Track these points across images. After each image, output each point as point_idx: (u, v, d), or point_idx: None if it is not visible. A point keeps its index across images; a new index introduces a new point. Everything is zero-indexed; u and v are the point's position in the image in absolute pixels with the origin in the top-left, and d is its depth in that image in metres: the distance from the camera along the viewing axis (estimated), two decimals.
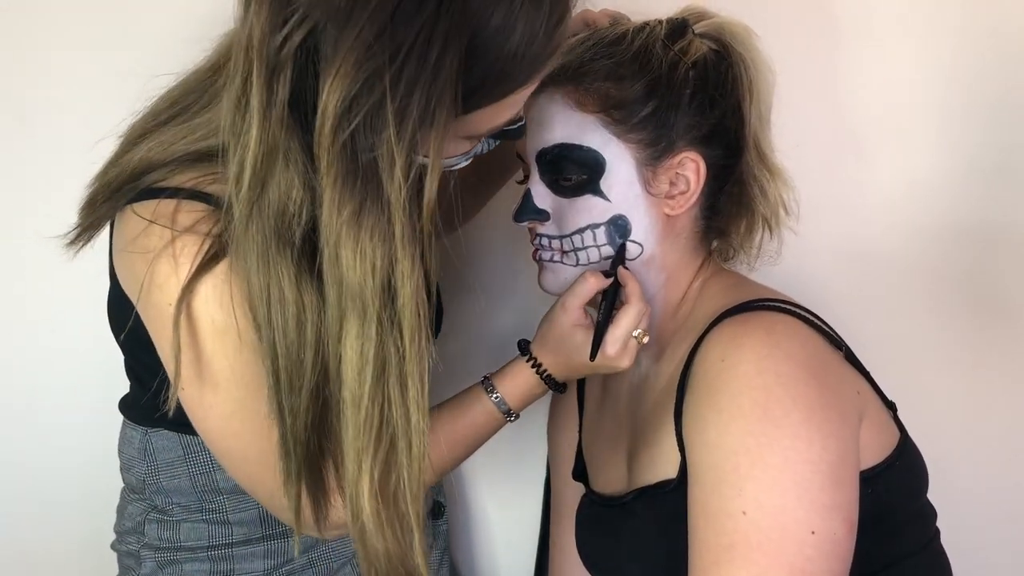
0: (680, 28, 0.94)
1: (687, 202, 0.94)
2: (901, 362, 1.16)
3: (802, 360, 0.82)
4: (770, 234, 1.00)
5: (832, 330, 0.92)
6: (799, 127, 1.06)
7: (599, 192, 0.93)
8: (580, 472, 1.12)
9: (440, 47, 0.69)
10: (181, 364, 0.80)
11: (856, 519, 0.80)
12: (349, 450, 0.78)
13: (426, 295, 0.77)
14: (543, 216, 0.96)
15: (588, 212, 0.94)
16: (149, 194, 0.83)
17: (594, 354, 0.92)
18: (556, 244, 0.97)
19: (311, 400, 0.80)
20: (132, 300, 0.84)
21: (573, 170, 0.93)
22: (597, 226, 0.94)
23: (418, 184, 0.73)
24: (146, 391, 0.90)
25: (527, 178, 0.97)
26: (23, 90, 1.21)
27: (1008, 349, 1.25)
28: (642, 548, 0.93)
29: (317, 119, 0.70)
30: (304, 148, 0.73)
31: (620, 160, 0.92)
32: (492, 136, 0.83)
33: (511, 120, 0.81)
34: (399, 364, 0.76)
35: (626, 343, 0.92)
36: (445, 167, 0.79)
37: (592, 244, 0.95)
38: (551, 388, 0.98)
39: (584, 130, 0.92)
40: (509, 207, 0.99)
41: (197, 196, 0.82)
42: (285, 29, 0.70)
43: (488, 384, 0.97)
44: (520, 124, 0.84)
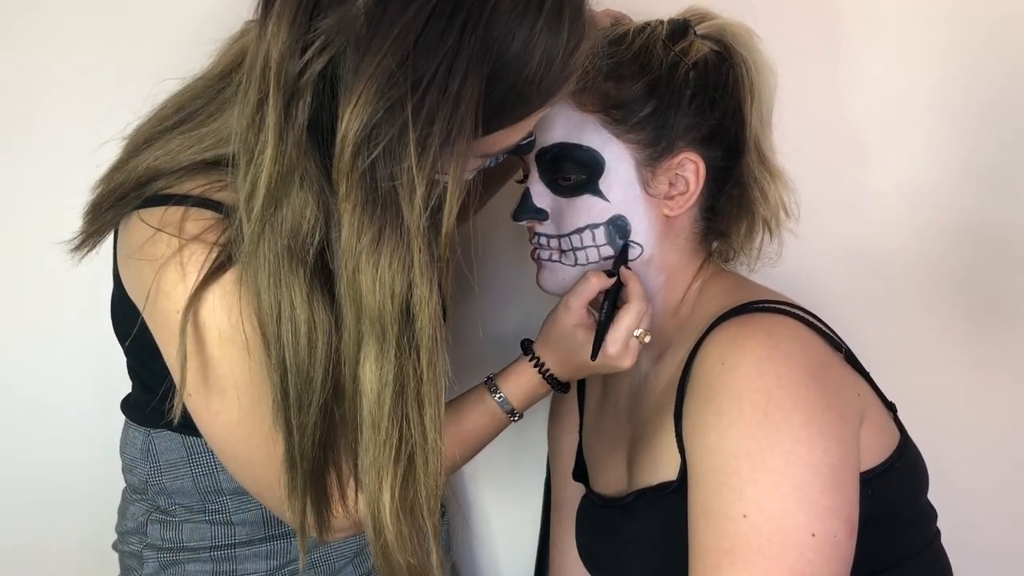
0: (681, 29, 0.94)
1: (686, 203, 0.94)
2: (901, 363, 1.16)
3: (803, 362, 0.82)
4: (770, 236, 1.00)
5: (832, 331, 0.92)
6: (800, 129, 1.06)
7: (598, 192, 0.93)
8: (580, 473, 1.12)
9: (462, 76, 0.69)
10: (187, 371, 0.80)
11: (857, 521, 0.80)
12: (370, 469, 0.79)
13: (442, 315, 0.77)
14: (542, 215, 0.96)
15: (587, 212, 0.94)
16: (156, 201, 0.83)
17: (595, 353, 0.92)
18: (554, 243, 0.97)
19: (319, 417, 0.80)
20: (138, 306, 0.84)
21: (572, 170, 0.93)
22: (596, 226, 0.94)
23: (437, 210, 0.73)
24: (149, 393, 0.90)
25: (526, 177, 0.97)
26: (26, 91, 1.21)
27: (1008, 349, 1.24)
28: (642, 549, 0.93)
29: (336, 145, 0.70)
30: (321, 170, 0.73)
31: (619, 160, 0.92)
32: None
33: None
34: (417, 385, 0.77)
35: (627, 343, 0.92)
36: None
37: (591, 244, 0.95)
38: (554, 388, 0.98)
39: (584, 130, 0.92)
40: (511, 206, 0.99)
41: (205, 204, 0.81)
42: (306, 55, 0.70)
43: (491, 384, 0.98)
44: (530, 139, 0.84)
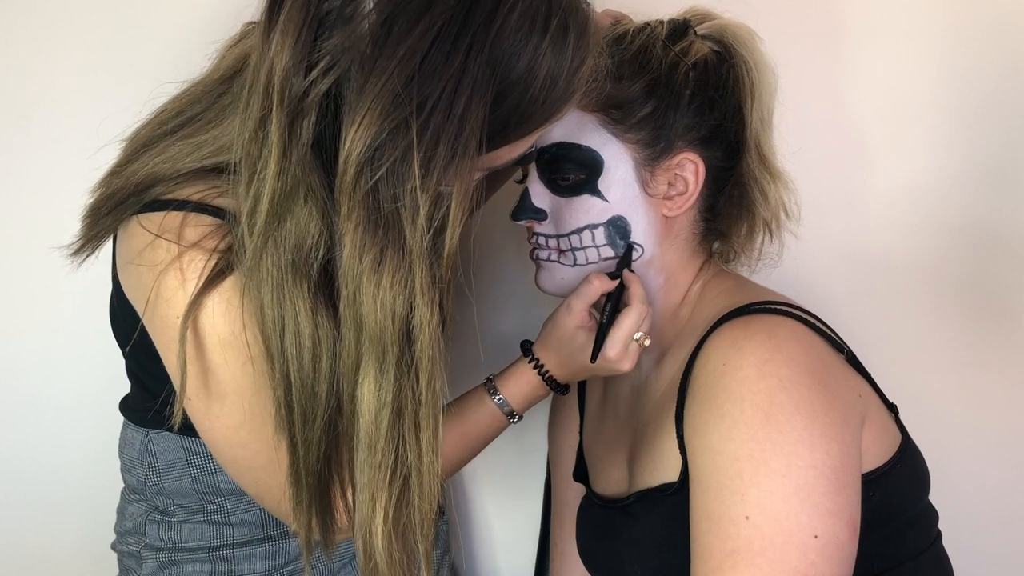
0: (681, 29, 0.94)
1: (685, 203, 0.94)
2: (902, 364, 1.16)
3: (804, 364, 0.82)
4: (771, 237, 1.00)
5: (833, 332, 0.92)
6: (801, 129, 1.06)
7: (597, 192, 0.93)
8: (581, 473, 1.12)
9: (467, 98, 0.69)
10: (187, 377, 0.80)
11: (859, 522, 0.80)
12: (364, 491, 0.78)
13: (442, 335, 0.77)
14: (540, 215, 0.96)
15: (586, 212, 0.94)
16: (155, 206, 0.82)
17: (595, 356, 0.92)
18: (553, 243, 0.96)
19: (324, 432, 0.80)
20: (138, 311, 0.84)
21: (571, 169, 0.93)
22: (595, 226, 0.94)
23: (439, 231, 0.72)
24: (148, 395, 0.91)
25: (526, 177, 0.97)
26: (26, 92, 1.20)
27: (1009, 350, 1.24)
28: (643, 551, 0.93)
29: (340, 165, 0.70)
30: (325, 186, 0.73)
31: (618, 160, 0.92)
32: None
33: None
34: (415, 407, 0.76)
35: (627, 346, 0.92)
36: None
37: (591, 244, 0.95)
38: (553, 389, 0.98)
39: (583, 129, 0.92)
40: (510, 206, 0.99)
41: (204, 209, 0.81)
42: (311, 75, 0.70)
43: (491, 386, 0.98)
44: (530, 151, 0.84)
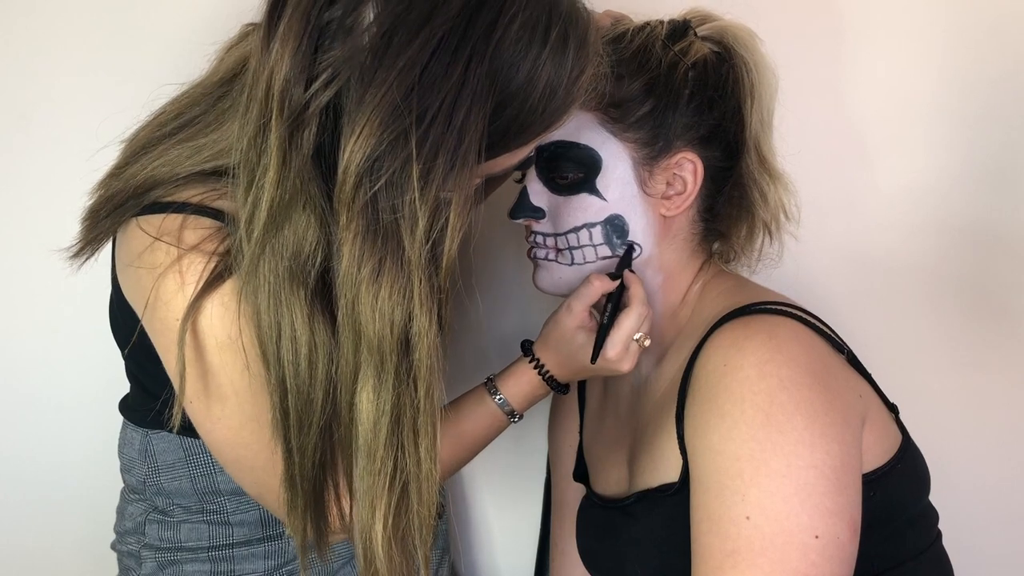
0: (681, 29, 0.94)
1: (684, 203, 0.94)
2: (902, 364, 1.16)
3: (804, 364, 0.82)
4: (770, 239, 1.00)
5: (834, 333, 0.92)
6: (802, 131, 1.06)
7: (595, 191, 0.93)
8: (581, 473, 1.12)
9: (466, 110, 0.69)
10: (187, 379, 0.80)
11: (859, 522, 0.80)
12: (364, 498, 0.78)
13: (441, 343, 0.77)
14: (539, 214, 0.96)
15: (584, 211, 0.94)
16: (155, 208, 0.82)
17: (595, 356, 0.92)
18: (551, 242, 0.96)
19: (319, 438, 0.80)
20: (137, 313, 0.84)
21: (569, 168, 0.93)
22: (593, 225, 0.94)
23: (438, 242, 0.73)
24: (148, 395, 0.91)
25: (524, 175, 0.97)
26: (25, 93, 1.20)
27: (1010, 350, 1.24)
28: (643, 551, 0.93)
29: (339, 175, 0.70)
30: (324, 195, 0.73)
31: (617, 159, 0.92)
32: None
33: None
34: (413, 415, 0.76)
35: (627, 346, 0.92)
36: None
37: (588, 243, 0.95)
38: (553, 389, 0.98)
39: (581, 128, 0.92)
40: (509, 205, 0.98)
41: (204, 212, 0.81)
42: (312, 88, 0.70)
43: (491, 386, 0.98)
44: (528, 156, 0.84)
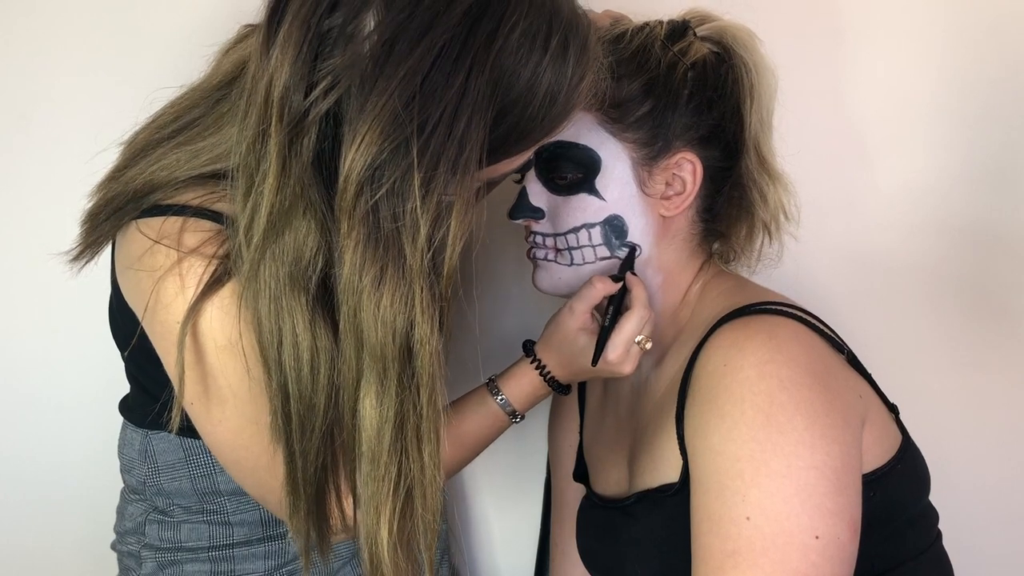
0: (680, 30, 0.94)
1: (683, 203, 0.94)
2: (902, 364, 1.16)
3: (805, 364, 0.82)
4: (770, 239, 1.00)
5: (834, 333, 0.92)
6: (801, 131, 1.06)
7: (594, 191, 0.93)
8: (581, 473, 1.12)
9: (467, 118, 0.69)
10: (187, 382, 0.80)
11: (859, 523, 0.80)
12: (369, 504, 0.78)
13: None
14: (538, 214, 0.96)
15: (583, 211, 0.94)
16: (154, 211, 0.82)
17: (596, 359, 0.92)
18: (550, 242, 0.96)
19: (322, 443, 0.80)
20: (137, 316, 0.84)
21: (568, 168, 0.93)
22: (592, 225, 0.94)
23: (439, 250, 0.72)
24: (148, 396, 0.90)
25: (523, 176, 0.97)
26: (25, 93, 1.20)
27: (1010, 350, 1.24)
28: (643, 551, 0.93)
29: (339, 183, 0.69)
30: (324, 201, 0.73)
31: (616, 159, 0.92)
32: None
33: None
34: (416, 421, 0.76)
35: (628, 349, 0.92)
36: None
37: (587, 244, 0.95)
38: (554, 390, 0.98)
39: (580, 128, 0.91)
40: (509, 205, 0.99)
41: (204, 214, 0.81)
42: (312, 95, 0.69)
43: (493, 386, 0.98)
44: (528, 159, 0.84)
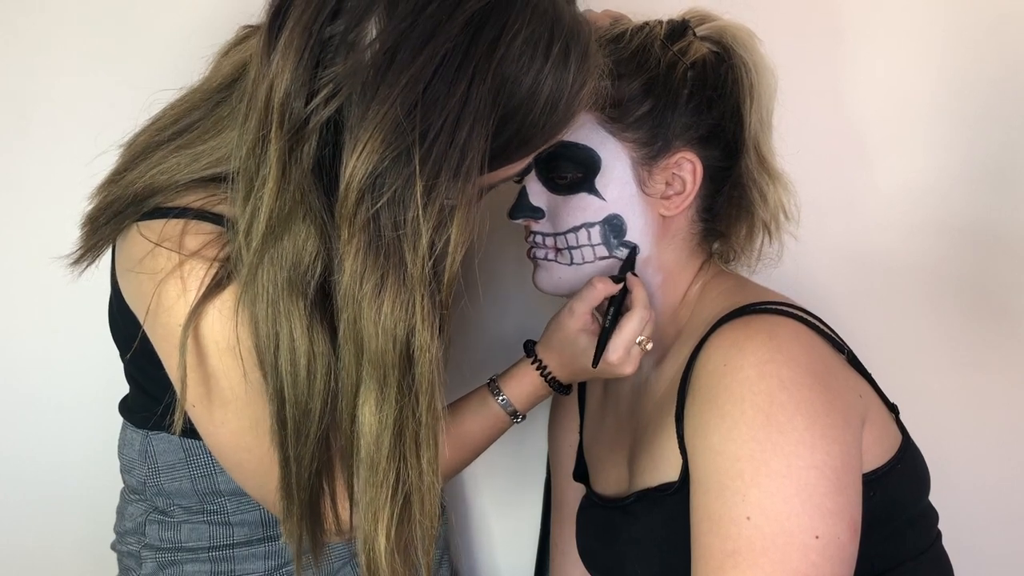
0: (680, 29, 0.94)
1: (683, 203, 0.94)
2: (902, 364, 1.16)
3: (805, 364, 0.82)
4: (770, 239, 1.00)
5: (834, 333, 0.92)
6: (801, 131, 1.06)
7: (594, 190, 0.93)
8: (581, 473, 1.12)
9: (469, 127, 0.69)
10: (189, 384, 0.80)
11: (859, 523, 0.80)
12: (367, 510, 0.78)
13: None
14: (538, 214, 0.96)
15: (583, 211, 0.94)
16: (155, 214, 0.82)
17: (596, 360, 0.92)
18: (550, 242, 0.96)
19: (317, 448, 0.80)
20: (139, 319, 0.84)
21: (568, 168, 0.93)
22: (592, 225, 0.94)
23: (440, 258, 0.72)
24: (148, 399, 0.91)
25: (523, 176, 0.97)
26: (25, 94, 1.20)
27: (1009, 350, 1.25)
28: (643, 550, 0.93)
29: (340, 190, 0.69)
30: (324, 207, 0.73)
31: (616, 159, 0.92)
32: None
33: None
34: (415, 428, 0.76)
35: (629, 350, 0.92)
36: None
37: (587, 243, 0.95)
38: (555, 390, 0.98)
39: (580, 128, 0.91)
40: (508, 205, 0.99)
41: (205, 216, 0.81)
42: (313, 103, 0.69)
43: (494, 386, 0.98)
44: (529, 164, 0.84)
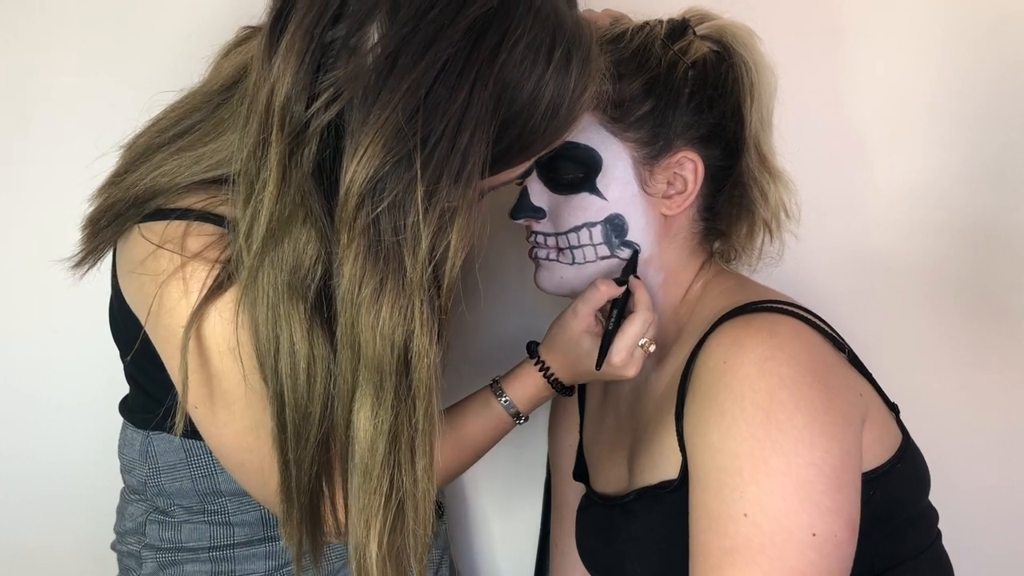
0: (680, 28, 0.94)
1: (684, 202, 0.94)
2: (902, 364, 1.16)
3: (805, 362, 0.82)
4: (770, 238, 1.00)
5: (835, 332, 0.92)
6: (801, 130, 1.06)
7: (595, 190, 0.93)
8: (581, 472, 1.11)
9: (471, 132, 0.69)
10: (192, 385, 0.80)
11: (858, 521, 0.80)
12: (359, 516, 0.78)
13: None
14: (539, 214, 0.96)
15: (584, 210, 0.94)
16: (157, 215, 0.82)
17: (600, 362, 0.92)
18: (552, 242, 0.97)
19: (316, 451, 0.80)
20: (140, 320, 0.84)
21: (570, 168, 0.93)
22: (593, 225, 0.94)
23: (440, 263, 0.72)
24: (149, 400, 0.91)
25: (524, 176, 0.97)
26: (25, 94, 1.21)
27: (1010, 350, 1.25)
28: (642, 549, 0.93)
29: (340, 195, 0.69)
30: (324, 211, 0.72)
31: (617, 158, 0.92)
32: None
33: None
34: (411, 435, 0.76)
35: (632, 352, 0.91)
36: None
37: (588, 243, 0.95)
38: (558, 391, 0.98)
39: (582, 128, 0.91)
40: (510, 206, 0.99)
41: (207, 218, 0.81)
42: (314, 107, 0.69)
43: (497, 388, 0.97)
44: (530, 167, 0.84)
